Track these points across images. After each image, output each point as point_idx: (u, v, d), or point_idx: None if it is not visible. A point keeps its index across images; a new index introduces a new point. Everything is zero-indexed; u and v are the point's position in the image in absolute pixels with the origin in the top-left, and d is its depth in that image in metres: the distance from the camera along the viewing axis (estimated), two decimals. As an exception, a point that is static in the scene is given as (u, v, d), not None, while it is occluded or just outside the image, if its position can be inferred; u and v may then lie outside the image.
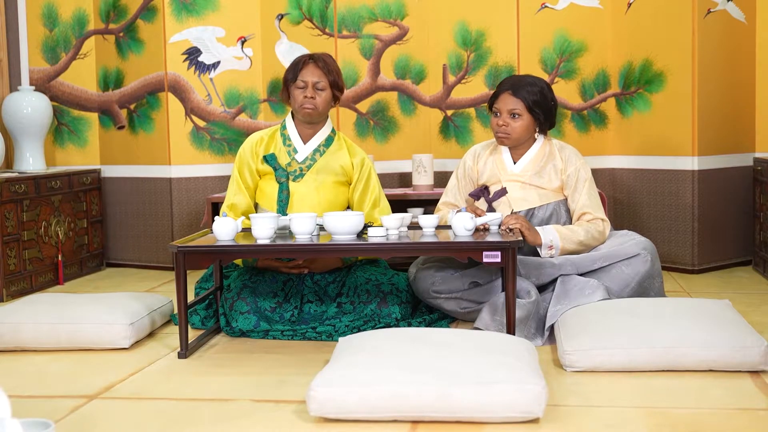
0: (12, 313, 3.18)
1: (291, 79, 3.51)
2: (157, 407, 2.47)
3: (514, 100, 3.40)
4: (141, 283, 4.50)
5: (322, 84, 3.48)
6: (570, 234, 3.32)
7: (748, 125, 4.61)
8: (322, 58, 3.52)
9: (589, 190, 3.44)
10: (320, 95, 3.48)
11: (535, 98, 3.40)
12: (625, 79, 4.62)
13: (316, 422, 2.30)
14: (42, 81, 4.92)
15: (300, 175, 3.50)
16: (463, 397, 2.23)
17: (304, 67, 3.50)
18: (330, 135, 3.58)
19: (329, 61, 3.53)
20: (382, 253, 3.06)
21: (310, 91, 3.47)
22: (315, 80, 3.47)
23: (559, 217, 3.44)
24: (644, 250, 3.28)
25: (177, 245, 2.98)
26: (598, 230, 3.38)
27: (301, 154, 3.52)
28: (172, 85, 4.70)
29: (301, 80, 3.48)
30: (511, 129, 3.42)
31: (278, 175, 3.50)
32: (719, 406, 2.38)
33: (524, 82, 3.43)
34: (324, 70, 3.49)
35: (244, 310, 3.27)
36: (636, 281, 3.26)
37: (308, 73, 3.48)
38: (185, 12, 4.70)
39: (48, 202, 4.48)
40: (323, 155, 3.53)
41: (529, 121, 3.42)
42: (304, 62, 3.51)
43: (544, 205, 3.44)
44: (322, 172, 3.53)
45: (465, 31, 4.72)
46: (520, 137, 3.44)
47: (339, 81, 3.53)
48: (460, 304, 3.34)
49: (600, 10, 4.65)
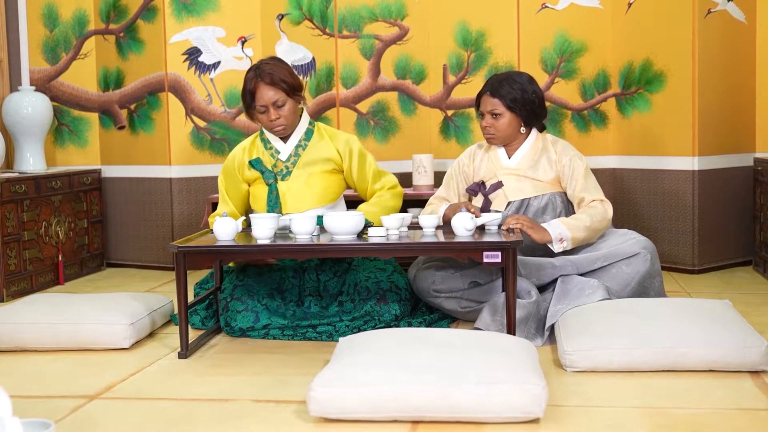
0: (12, 313, 3.18)
1: (250, 105, 3.43)
2: (157, 407, 2.48)
3: (493, 101, 3.46)
4: (141, 283, 4.50)
5: (281, 100, 3.38)
6: (575, 222, 3.31)
7: (749, 125, 4.61)
8: (268, 73, 3.38)
9: (585, 176, 3.45)
10: (284, 110, 3.40)
11: (513, 96, 3.43)
12: (625, 79, 4.62)
13: (317, 422, 2.30)
14: (42, 81, 4.92)
15: (288, 173, 3.48)
16: (463, 397, 2.23)
17: (256, 89, 3.38)
18: (308, 128, 3.54)
19: (276, 71, 3.39)
20: (382, 253, 3.06)
21: (273, 113, 3.39)
22: (273, 100, 3.38)
23: (555, 208, 3.46)
24: (644, 249, 3.28)
25: (177, 245, 2.98)
26: (599, 212, 3.36)
27: (283, 153, 3.50)
28: (172, 85, 4.70)
29: (259, 105, 3.40)
30: (495, 129, 3.47)
31: (266, 177, 3.49)
32: (719, 406, 2.38)
33: (502, 81, 3.48)
34: (276, 86, 3.37)
35: (240, 309, 3.27)
36: (636, 281, 3.26)
37: (262, 96, 3.38)
38: (185, 12, 4.70)
39: (48, 203, 4.48)
40: (306, 149, 3.50)
41: (511, 118, 3.46)
42: (255, 84, 3.39)
43: (539, 196, 3.46)
44: (309, 165, 3.50)
45: (465, 31, 4.72)
46: (506, 135, 3.49)
47: (295, 84, 3.41)
48: (460, 303, 3.34)
49: (600, 10, 4.65)
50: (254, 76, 3.41)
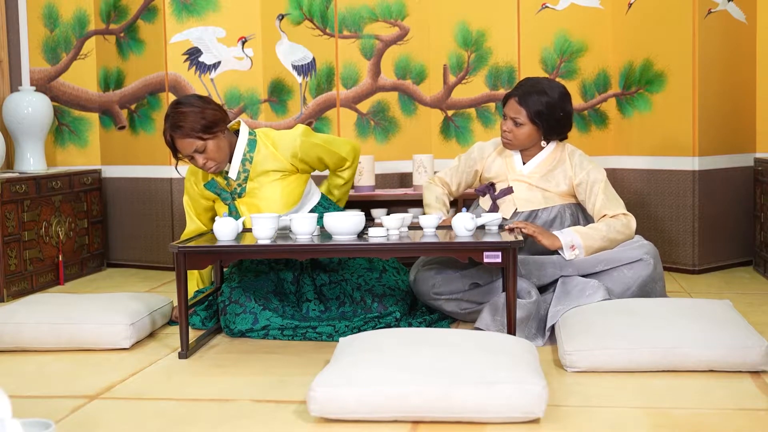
0: (13, 313, 3.18)
1: (174, 154, 3.36)
2: (157, 407, 2.48)
3: (518, 108, 3.36)
4: (142, 283, 4.50)
5: (200, 146, 3.28)
6: (591, 231, 3.26)
7: (749, 125, 4.61)
8: (178, 126, 3.25)
9: (605, 190, 3.35)
10: (209, 152, 3.30)
11: (538, 109, 3.34)
12: (625, 80, 4.62)
13: (317, 422, 2.30)
14: (43, 81, 4.93)
15: (242, 190, 3.46)
16: (463, 398, 2.23)
17: (175, 142, 3.29)
18: (250, 139, 3.44)
19: (184, 120, 3.25)
20: (383, 253, 3.05)
21: (199, 160, 3.32)
22: (192, 148, 3.28)
23: (563, 221, 3.41)
24: (647, 255, 3.25)
25: (177, 245, 2.98)
26: (622, 223, 3.29)
27: (232, 171, 3.44)
28: (172, 85, 4.70)
29: (184, 155, 3.34)
30: (513, 135, 3.39)
31: (223, 198, 3.48)
32: (720, 406, 2.38)
33: (533, 91, 3.36)
34: (191, 135, 3.26)
35: (239, 312, 3.27)
36: (637, 284, 3.24)
37: (182, 148, 3.29)
38: (186, 12, 4.70)
39: (49, 203, 4.48)
40: (252, 161, 3.43)
41: (532, 129, 3.37)
42: (170, 135, 3.28)
43: (548, 208, 3.42)
44: (260, 176, 3.45)
45: (465, 32, 4.72)
46: (523, 144, 3.42)
47: (208, 123, 3.27)
48: (460, 305, 3.34)
49: (601, 10, 4.65)
50: (168, 127, 3.30)
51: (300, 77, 4.74)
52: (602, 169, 3.41)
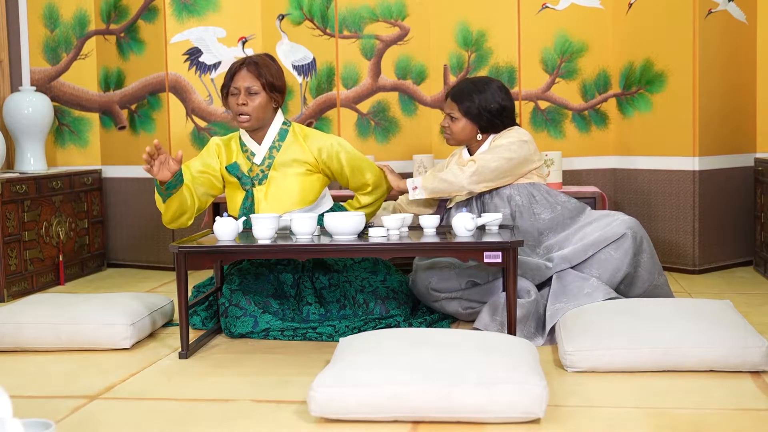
0: (13, 313, 3.19)
1: (227, 84, 3.45)
2: (157, 407, 2.48)
3: (451, 104, 3.57)
4: (142, 283, 4.50)
5: (255, 88, 3.39)
6: (432, 174, 3.48)
7: (749, 125, 4.61)
8: (255, 62, 3.42)
9: (492, 151, 3.44)
10: (253, 100, 3.40)
11: (469, 105, 3.51)
12: (625, 80, 4.62)
13: (317, 422, 2.30)
14: (43, 81, 4.93)
15: (264, 177, 3.47)
16: (464, 398, 2.23)
17: (236, 72, 3.43)
18: (283, 128, 3.51)
19: (263, 64, 3.43)
20: (383, 253, 3.05)
21: (242, 98, 3.39)
22: (247, 85, 3.39)
23: (532, 200, 3.47)
24: (629, 230, 3.31)
25: (178, 246, 2.98)
26: (461, 168, 3.43)
27: (258, 156, 3.48)
28: (173, 85, 4.70)
29: (233, 86, 3.42)
30: (450, 131, 3.58)
31: (243, 183, 3.48)
32: (720, 406, 2.38)
33: (465, 86, 3.56)
34: (255, 74, 3.39)
35: (239, 315, 3.27)
36: (627, 263, 3.29)
37: (240, 78, 3.41)
38: (186, 12, 4.70)
39: (49, 203, 4.48)
40: (280, 150, 3.48)
41: (466, 123, 3.54)
42: (237, 67, 3.44)
43: (514, 185, 3.49)
44: (283, 167, 3.47)
45: (466, 32, 4.72)
46: (460, 138, 3.59)
47: (276, 82, 3.42)
48: (461, 304, 3.34)
49: (601, 10, 4.65)
50: (241, 61, 3.45)
51: (300, 77, 4.75)
52: (515, 150, 3.44)
